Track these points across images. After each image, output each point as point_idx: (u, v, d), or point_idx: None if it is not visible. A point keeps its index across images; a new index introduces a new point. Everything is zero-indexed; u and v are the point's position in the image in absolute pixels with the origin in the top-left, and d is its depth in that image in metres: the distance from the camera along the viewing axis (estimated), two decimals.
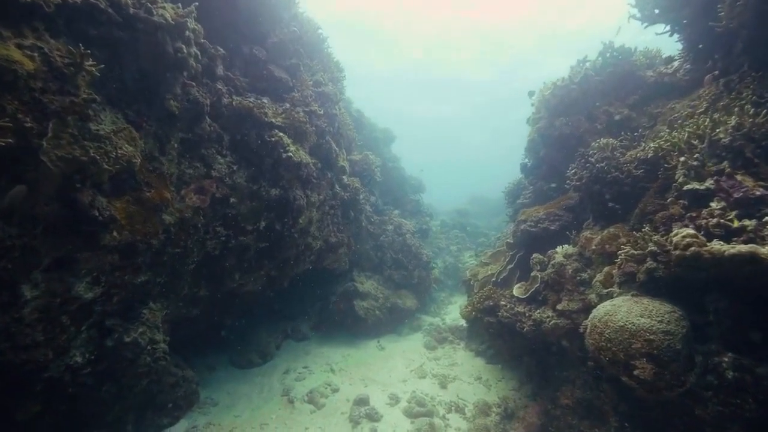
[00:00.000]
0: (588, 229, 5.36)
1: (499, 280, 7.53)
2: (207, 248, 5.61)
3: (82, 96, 3.23)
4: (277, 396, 7.26)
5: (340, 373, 8.24)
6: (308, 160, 6.21)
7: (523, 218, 6.87)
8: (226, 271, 6.19)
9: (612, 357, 3.76)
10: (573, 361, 5.43)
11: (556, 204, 6.63)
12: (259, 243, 6.34)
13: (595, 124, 6.71)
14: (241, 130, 5.42)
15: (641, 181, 4.53)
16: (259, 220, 6.10)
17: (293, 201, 6.28)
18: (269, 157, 5.66)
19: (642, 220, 4.45)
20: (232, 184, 5.50)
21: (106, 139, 3.48)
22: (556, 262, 5.43)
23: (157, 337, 4.73)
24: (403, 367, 8.58)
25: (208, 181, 5.19)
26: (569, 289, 5.17)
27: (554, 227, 6.34)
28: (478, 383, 7.79)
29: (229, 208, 5.58)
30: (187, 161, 4.99)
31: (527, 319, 5.69)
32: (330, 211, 7.89)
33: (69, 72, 3.08)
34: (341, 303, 10.28)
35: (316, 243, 7.72)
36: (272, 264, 6.90)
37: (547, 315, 5.43)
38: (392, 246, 11.58)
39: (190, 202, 5.00)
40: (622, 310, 3.82)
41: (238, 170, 5.57)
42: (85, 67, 3.18)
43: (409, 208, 14.51)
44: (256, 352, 8.84)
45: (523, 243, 7.14)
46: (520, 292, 6.18)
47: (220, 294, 6.58)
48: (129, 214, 4.19)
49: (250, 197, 5.82)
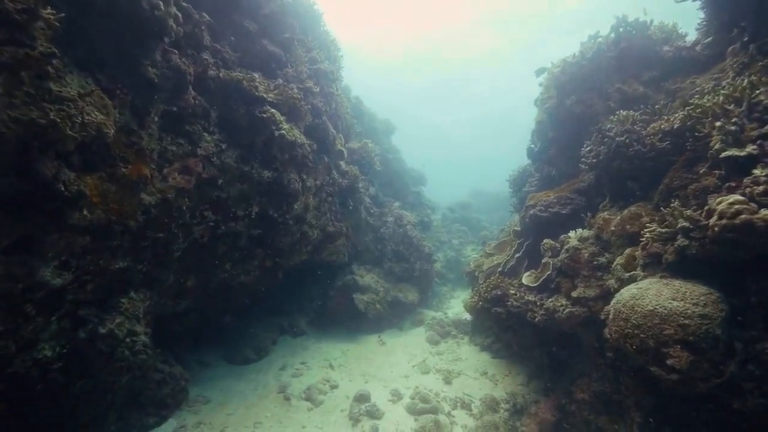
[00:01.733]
0: (605, 211, 4.97)
1: (506, 269, 7.15)
2: (194, 234, 5.21)
3: (39, 49, 2.82)
4: (273, 393, 6.87)
5: (340, 369, 7.86)
6: (303, 140, 5.81)
7: (532, 203, 6.48)
8: (216, 260, 5.78)
9: (640, 345, 3.37)
10: (589, 352, 5.05)
11: (567, 187, 6.24)
12: (251, 230, 5.94)
13: (608, 102, 6.30)
14: (230, 105, 5.01)
15: (666, 154, 4.14)
16: (250, 204, 5.69)
17: (287, 184, 5.88)
18: (261, 135, 5.25)
19: (668, 197, 4.05)
20: (221, 165, 5.10)
21: (69, 102, 3.07)
22: (570, 246, 5.03)
23: (137, 329, 4.33)
24: (406, 362, 8.20)
25: (193, 159, 4.79)
26: (585, 274, 4.78)
27: (566, 211, 5.94)
28: (484, 378, 7.42)
29: (217, 190, 5.18)
30: (170, 137, 4.58)
31: (539, 309, 5.30)
32: (327, 199, 7.49)
33: (21, 19, 2.67)
34: (340, 297, 9.90)
35: (313, 232, 7.32)
36: (266, 253, 6.50)
37: (561, 303, 5.04)
38: (393, 238, 11.19)
39: (173, 182, 4.60)
40: (650, 293, 3.43)
41: (226, 149, 5.17)
42: (42, 14, 2.77)
43: (410, 200, 14.11)
44: (252, 347, 8.45)
45: (531, 230, 6.74)
46: (531, 281, 5.79)
47: (211, 285, 6.18)
48: (102, 192, 3.78)
49: (241, 179, 5.42)
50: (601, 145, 4.71)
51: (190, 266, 5.52)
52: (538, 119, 7.54)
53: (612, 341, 3.91)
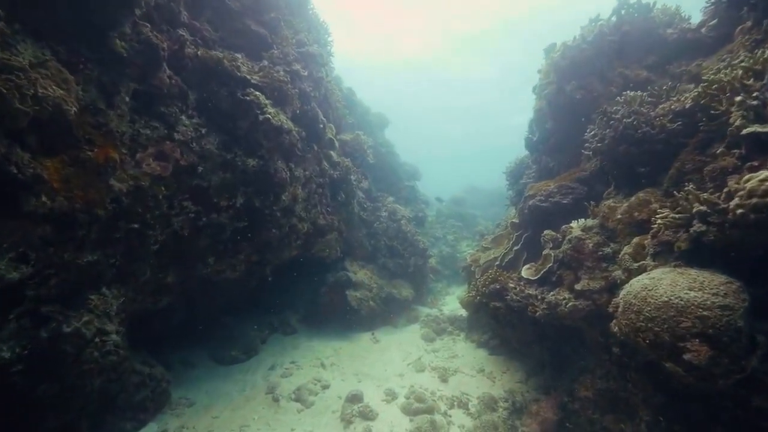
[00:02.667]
0: (610, 198, 4.71)
1: (504, 263, 6.88)
2: (173, 226, 4.86)
3: None
4: (261, 394, 6.55)
5: (332, 368, 7.56)
6: (291, 127, 5.47)
7: (532, 193, 6.21)
8: (198, 254, 5.44)
9: (654, 339, 3.11)
10: (593, 347, 4.80)
11: (567, 176, 5.98)
12: (235, 222, 5.59)
13: (610, 87, 6.05)
14: (210, 87, 4.67)
15: (677, 136, 3.88)
16: (234, 195, 5.35)
17: (274, 174, 5.55)
18: (244, 120, 4.91)
19: (679, 181, 3.80)
20: (200, 151, 4.75)
21: (19, 72, 2.71)
22: (572, 237, 4.77)
23: (108, 328, 3.98)
24: (400, 360, 7.92)
25: (169, 144, 4.44)
26: (589, 266, 4.52)
27: (567, 201, 5.68)
28: (481, 376, 7.16)
29: (197, 178, 4.83)
30: (144, 120, 4.23)
31: (540, 302, 5.04)
32: (318, 190, 7.15)
33: None
34: (333, 293, 9.59)
35: (302, 225, 6.99)
36: (252, 247, 6.16)
37: (563, 297, 4.78)
38: (386, 233, 10.89)
39: (147, 169, 4.25)
40: (664, 284, 3.17)
41: (207, 134, 4.82)
42: None
43: (404, 194, 13.81)
44: (240, 347, 8.11)
45: (530, 221, 6.48)
46: (531, 273, 5.53)
47: (193, 281, 5.84)
48: (65, 177, 3.43)
49: (223, 167, 5.08)
50: (606, 128, 4.45)
51: (170, 260, 5.17)
52: (537, 107, 7.28)
53: (621, 336, 3.65)
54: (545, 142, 7.19)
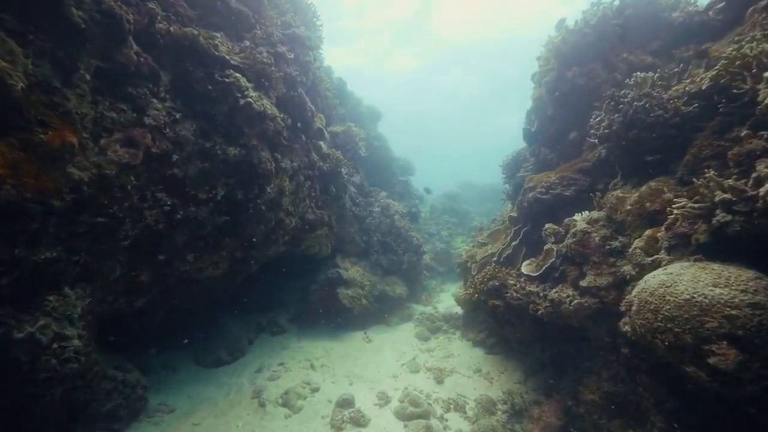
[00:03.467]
0: (617, 189, 4.41)
1: (502, 259, 6.58)
2: (146, 220, 4.46)
3: None
4: (247, 399, 6.18)
5: (322, 369, 7.21)
6: (275, 113, 5.08)
7: (531, 185, 5.90)
8: (176, 250, 5.04)
9: (674, 341, 2.81)
10: (598, 347, 4.51)
11: (569, 167, 5.68)
12: (216, 216, 5.20)
13: (613, 73, 5.76)
14: (185, 67, 4.26)
15: (693, 119, 3.59)
16: (214, 186, 4.96)
17: (258, 164, 5.16)
18: (223, 104, 4.51)
19: (696, 168, 3.50)
20: (175, 138, 4.35)
21: None
22: (577, 230, 4.47)
23: (68, 332, 3.58)
24: (394, 360, 7.60)
25: (139, 130, 4.03)
26: (596, 261, 4.22)
27: (569, 193, 5.39)
28: (477, 376, 6.88)
29: (172, 168, 4.43)
30: (108, 101, 3.82)
31: (542, 300, 4.74)
32: (306, 183, 6.77)
33: None
34: (323, 292, 9.23)
35: (290, 220, 6.61)
36: (236, 243, 5.77)
37: (568, 294, 4.48)
38: (379, 228, 10.54)
39: (114, 156, 3.84)
40: (685, 280, 2.87)
41: (182, 120, 4.42)
42: None
43: (398, 190, 13.46)
44: (225, 348, 7.72)
45: (530, 215, 6.18)
46: (531, 269, 5.23)
47: (172, 280, 5.43)
48: (13, 162, 3.02)
49: (201, 156, 4.68)
50: (615, 112, 4.14)
51: (144, 258, 4.77)
52: (536, 96, 6.97)
53: (634, 336, 3.36)
54: (545, 132, 6.89)
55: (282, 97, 5.51)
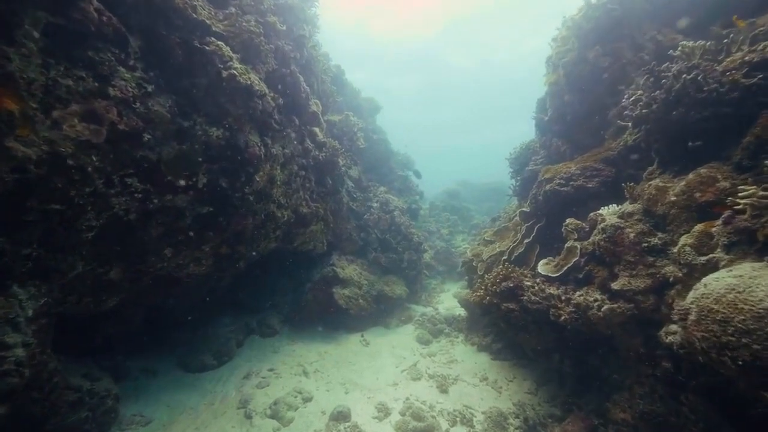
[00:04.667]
0: (655, 177, 3.87)
1: (513, 258, 6.04)
2: (114, 209, 3.86)
3: None
4: (232, 409, 5.62)
5: (315, 375, 6.65)
6: (264, 90, 4.50)
7: (548, 176, 5.36)
8: (151, 244, 4.45)
9: (751, 360, 2.27)
10: (630, 359, 3.98)
11: (591, 157, 5.14)
12: (197, 206, 4.62)
13: (640, 54, 5.22)
14: (158, 32, 3.66)
15: (756, 94, 3.06)
16: (195, 172, 4.37)
17: (245, 148, 4.58)
18: (202, 76, 3.92)
19: (759, 152, 2.96)
20: (146, 114, 3.76)
21: None
22: (607, 225, 3.93)
23: (10, 340, 3.00)
24: (393, 366, 7.05)
25: (103, 103, 3.44)
26: (630, 260, 3.68)
27: (592, 185, 4.85)
28: (484, 385, 6.34)
29: (143, 149, 3.84)
30: (63, 66, 3.22)
31: (565, 304, 4.20)
32: (300, 173, 6.18)
33: None
34: (318, 291, 8.66)
35: (282, 213, 6.03)
36: (221, 238, 5.18)
37: (595, 298, 3.94)
38: (378, 225, 9.98)
39: (71, 132, 3.25)
40: (763, 284, 2.33)
41: (155, 94, 3.82)
42: None
43: (397, 185, 12.89)
44: (212, 351, 7.14)
45: (545, 209, 5.64)
46: (550, 270, 4.69)
47: (149, 278, 4.84)
48: None
49: (178, 137, 4.09)
50: (655, 88, 3.60)
51: (112, 252, 4.17)
52: (551, 81, 6.42)
53: (688, 350, 2.83)
54: (560, 121, 6.34)
55: (272, 74, 4.92)
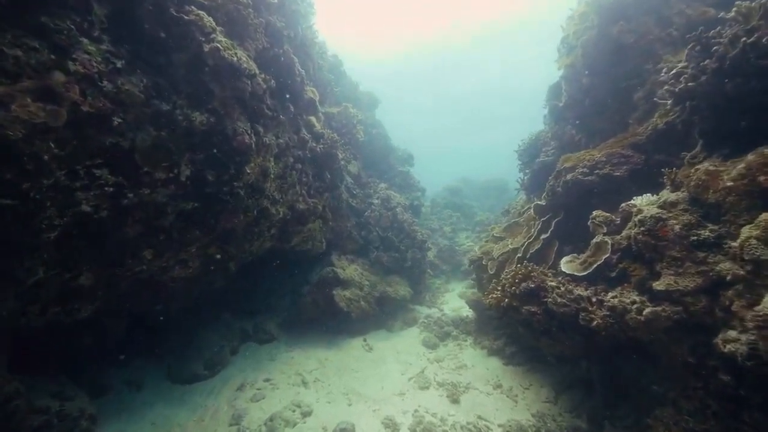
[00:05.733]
0: (704, 161, 3.39)
1: (528, 255, 5.56)
2: (80, 205, 3.35)
3: None
4: (224, 426, 5.13)
5: (315, 385, 6.15)
6: (253, 69, 3.99)
7: (569, 165, 4.87)
8: (127, 245, 3.94)
9: None
10: (673, 369, 3.50)
11: (616, 143, 4.66)
12: (181, 202, 4.11)
13: (668, 29, 4.74)
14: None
15: None
16: (176, 163, 3.86)
17: (233, 136, 4.08)
18: (181, 51, 3.42)
19: None
20: (116, 94, 3.25)
21: None
22: (645, 216, 3.45)
23: None
24: (399, 373, 6.56)
25: (62, 78, 2.92)
26: (676, 256, 3.20)
27: (620, 173, 4.37)
28: (498, 393, 5.87)
29: (113, 135, 3.33)
30: (10, 34, 2.71)
31: (597, 307, 3.71)
32: (296, 166, 5.68)
33: None
34: (317, 293, 8.17)
35: (276, 210, 5.52)
36: (208, 237, 4.68)
37: (632, 299, 3.46)
38: (379, 223, 9.49)
39: (21, 112, 2.74)
40: None
41: (127, 71, 3.31)
42: None
43: (398, 181, 12.40)
44: (203, 360, 6.64)
45: (565, 202, 5.16)
46: (575, 268, 4.20)
47: (127, 283, 4.34)
48: None
49: (155, 122, 3.58)
50: (703, 57, 3.13)
51: (81, 255, 3.66)
52: (567, 63, 5.92)
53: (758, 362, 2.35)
54: (578, 106, 5.86)
55: (263, 53, 4.40)
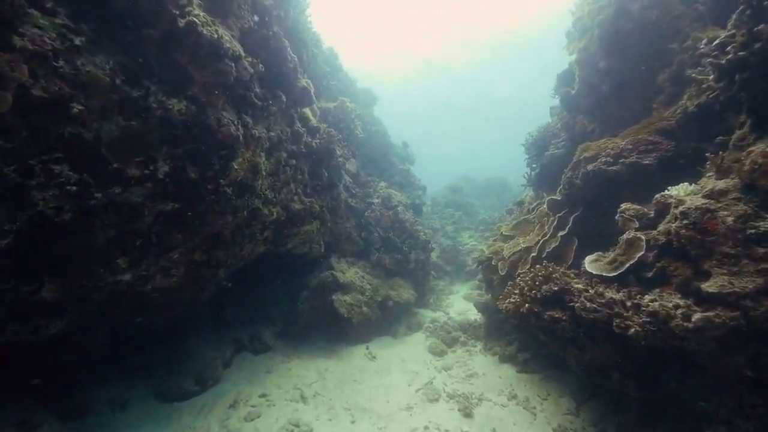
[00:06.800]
0: (756, 143, 2.95)
1: (544, 254, 5.12)
2: (37, 206, 2.89)
3: None
4: None
5: (315, 400, 5.68)
6: (238, 50, 3.53)
7: (590, 155, 4.44)
8: (96, 252, 3.47)
9: None
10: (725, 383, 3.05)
11: (643, 128, 4.23)
12: (159, 202, 3.64)
13: (694, 4, 4.33)
14: None
15: None
16: (153, 158, 3.40)
17: (217, 127, 3.61)
18: (151, 26, 2.96)
19: None
20: (75, 76, 2.78)
21: None
22: (689, 208, 3.00)
23: None
24: (405, 384, 6.10)
25: (5, 56, 2.46)
26: (729, 253, 2.76)
27: (648, 161, 3.93)
28: (514, 404, 5.42)
29: (72, 125, 2.86)
30: None
31: (634, 313, 3.26)
32: (290, 162, 5.22)
33: None
34: (316, 299, 7.71)
35: (269, 210, 5.06)
36: (193, 241, 4.21)
37: (676, 304, 3.02)
38: (380, 223, 9.03)
39: None
40: None
41: (88, 50, 2.85)
42: None
43: (398, 179, 11.95)
44: (193, 374, 6.16)
45: (582, 196, 4.72)
46: (603, 268, 3.76)
47: (100, 295, 3.86)
48: None
49: (125, 110, 3.11)
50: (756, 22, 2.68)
51: (42, 264, 3.20)
52: (580, 47, 5.49)
53: None
54: (593, 93, 5.42)
55: (249, 34, 3.93)
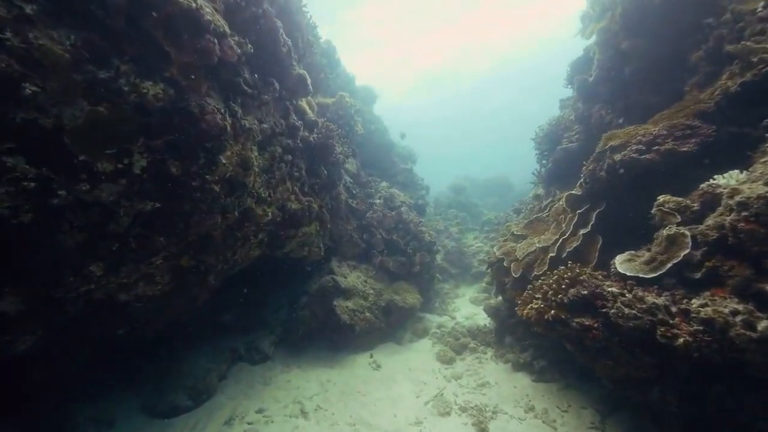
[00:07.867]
0: None
1: (564, 255, 4.69)
2: None
3: None
4: None
5: (317, 415, 5.25)
6: (222, 26, 3.11)
7: (617, 143, 4.01)
8: (66, 258, 3.05)
9: None
10: None
11: (678, 113, 3.80)
12: (136, 202, 3.23)
13: None
14: None
15: None
16: (127, 150, 2.98)
17: (200, 115, 3.20)
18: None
19: None
20: (26, 51, 2.37)
21: None
22: (748, 197, 2.58)
23: None
24: (413, 396, 5.67)
25: None
26: None
27: (687, 148, 3.51)
28: (532, 418, 4.98)
29: (24, 109, 2.45)
30: None
31: (682, 320, 2.83)
32: (285, 157, 4.80)
33: None
34: (316, 305, 7.30)
35: (264, 210, 4.64)
36: (178, 245, 3.79)
37: (734, 309, 2.58)
38: (383, 224, 8.61)
39: None
40: None
41: (44, 22, 2.44)
42: None
43: (400, 179, 11.53)
44: (185, 388, 5.74)
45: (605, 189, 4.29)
46: (639, 268, 3.33)
47: (74, 306, 3.44)
48: None
49: (89, 93, 2.70)
50: None
51: (1, 271, 2.78)
52: (600, 27, 5.07)
53: None
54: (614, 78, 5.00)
55: (235, 10, 3.47)
